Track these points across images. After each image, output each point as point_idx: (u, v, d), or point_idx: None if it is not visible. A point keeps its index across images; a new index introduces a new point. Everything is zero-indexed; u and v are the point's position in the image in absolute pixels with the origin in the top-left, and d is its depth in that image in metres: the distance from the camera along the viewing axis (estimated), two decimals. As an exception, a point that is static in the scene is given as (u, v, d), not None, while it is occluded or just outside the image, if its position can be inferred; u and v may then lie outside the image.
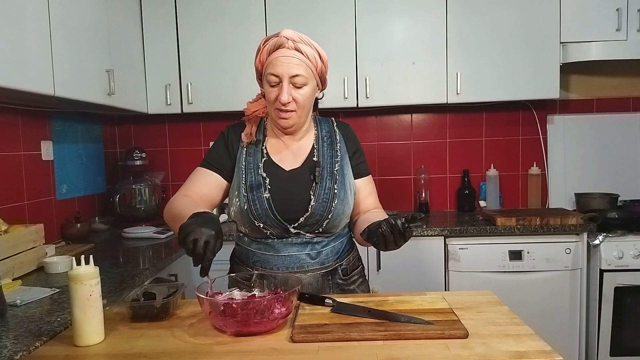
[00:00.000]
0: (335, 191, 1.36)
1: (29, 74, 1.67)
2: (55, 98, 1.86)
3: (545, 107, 2.97)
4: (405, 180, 3.04)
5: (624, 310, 2.38)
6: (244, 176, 1.38)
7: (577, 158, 2.97)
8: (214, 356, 0.98)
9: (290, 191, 1.36)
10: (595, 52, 2.59)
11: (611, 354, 2.41)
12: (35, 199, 2.22)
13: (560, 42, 2.61)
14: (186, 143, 3.06)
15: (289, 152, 1.42)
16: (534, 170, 2.94)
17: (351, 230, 1.49)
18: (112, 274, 1.75)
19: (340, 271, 1.42)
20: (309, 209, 1.34)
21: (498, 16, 2.62)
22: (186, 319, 1.18)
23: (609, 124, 2.95)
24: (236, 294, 1.20)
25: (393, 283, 2.42)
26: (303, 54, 1.30)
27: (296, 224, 1.34)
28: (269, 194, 1.34)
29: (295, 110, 1.33)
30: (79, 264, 1.06)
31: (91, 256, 1.09)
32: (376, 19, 2.64)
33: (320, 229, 1.36)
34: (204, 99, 2.70)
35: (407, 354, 0.95)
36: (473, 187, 2.95)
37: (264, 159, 1.40)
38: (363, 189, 1.46)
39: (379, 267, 2.45)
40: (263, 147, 1.42)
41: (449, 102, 2.68)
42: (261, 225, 1.34)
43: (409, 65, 2.65)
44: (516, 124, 3.00)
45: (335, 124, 1.49)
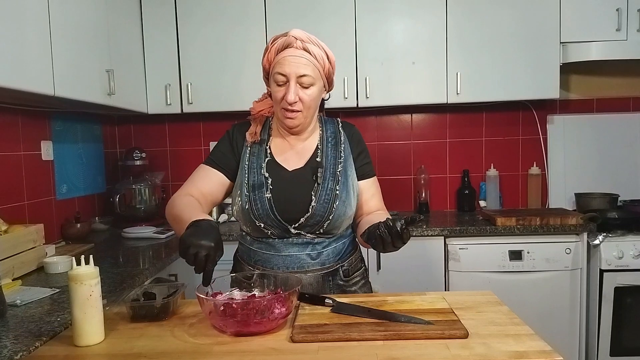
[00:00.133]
0: (337, 192, 1.36)
1: (29, 74, 1.67)
2: (55, 98, 1.86)
3: (545, 107, 2.97)
4: (405, 180, 3.04)
5: (624, 310, 2.38)
6: (246, 176, 1.38)
7: (577, 158, 2.97)
8: (214, 356, 0.98)
9: (292, 191, 1.36)
10: (595, 52, 2.59)
11: (611, 354, 2.41)
12: (35, 199, 2.22)
13: (560, 42, 2.61)
14: (186, 143, 3.06)
15: (293, 153, 1.42)
16: (534, 170, 2.94)
17: (354, 231, 1.48)
18: (112, 274, 1.75)
19: (341, 272, 1.41)
20: (310, 210, 1.33)
21: (498, 16, 2.62)
22: (186, 319, 1.18)
23: (609, 124, 2.95)
24: (236, 294, 1.20)
25: (393, 283, 2.42)
26: (311, 54, 1.30)
27: (297, 224, 1.34)
28: (270, 194, 1.34)
29: (301, 111, 1.33)
30: (79, 264, 1.06)
31: (91, 256, 1.09)
32: (376, 19, 2.64)
33: (321, 230, 1.36)
34: (204, 99, 2.70)
35: (407, 354, 0.95)
36: (473, 187, 2.95)
37: (268, 159, 1.40)
38: (367, 191, 1.45)
39: (379, 267, 2.45)
40: (267, 147, 1.42)
41: (449, 102, 2.68)
42: (262, 225, 1.34)
43: (409, 65, 2.65)
44: (516, 124, 3.00)
45: (340, 124, 1.48)
